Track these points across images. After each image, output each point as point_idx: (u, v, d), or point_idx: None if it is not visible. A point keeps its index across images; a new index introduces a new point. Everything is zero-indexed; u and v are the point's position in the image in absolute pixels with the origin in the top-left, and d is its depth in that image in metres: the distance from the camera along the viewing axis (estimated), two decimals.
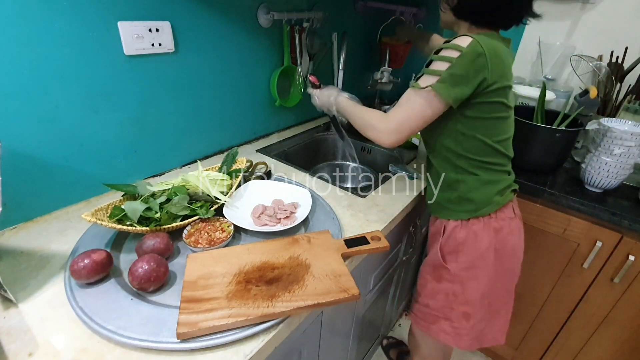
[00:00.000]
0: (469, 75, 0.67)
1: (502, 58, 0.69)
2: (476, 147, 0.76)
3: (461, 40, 0.68)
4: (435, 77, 0.69)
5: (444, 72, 0.68)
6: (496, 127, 0.75)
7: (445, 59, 0.68)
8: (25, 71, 0.68)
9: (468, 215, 0.81)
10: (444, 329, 0.90)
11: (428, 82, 0.70)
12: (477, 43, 0.66)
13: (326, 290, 0.58)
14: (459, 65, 0.67)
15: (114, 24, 0.77)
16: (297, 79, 1.28)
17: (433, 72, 0.70)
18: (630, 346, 1.05)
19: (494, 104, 0.72)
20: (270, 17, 1.08)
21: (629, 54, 1.21)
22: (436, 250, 0.87)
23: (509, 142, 0.81)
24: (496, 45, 0.68)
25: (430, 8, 1.56)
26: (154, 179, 0.97)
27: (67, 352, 0.51)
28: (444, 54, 0.69)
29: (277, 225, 0.78)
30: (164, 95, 0.92)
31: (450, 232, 0.84)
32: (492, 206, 0.79)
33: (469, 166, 0.78)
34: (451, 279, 0.85)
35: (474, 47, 0.66)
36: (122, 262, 0.67)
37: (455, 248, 0.83)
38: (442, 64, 0.68)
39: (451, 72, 0.67)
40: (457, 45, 0.67)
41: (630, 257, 0.94)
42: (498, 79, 0.68)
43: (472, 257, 0.82)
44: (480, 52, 0.65)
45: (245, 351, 0.51)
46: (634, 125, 0.96)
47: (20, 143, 0.71)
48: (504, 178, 0.81)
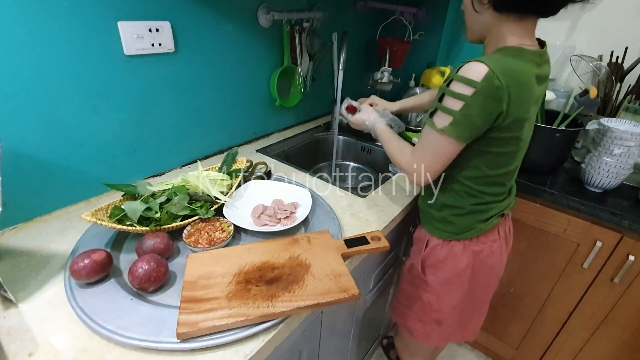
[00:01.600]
0: (485, 114, 0.61)
1: (525, 86, 0.61)
2: (476, 176, 0.73)
3: (473, 71, 0.59)
4: (449, 118, 0.63)
5: (457, 112, 0.62)
6: (504, 161, 0.71)
7: (457, 96, 0.61)
8: (25, 71, 0.68)
9: (450, 237, 0.81)
10: (416, 328, 0.96)
11: (442, 122, 0.64)
12: (494, 75, 0.57)
13: (326, 290, 0.58)
14: (473, 105, 0.60)
15: (114, 24, 0.77)
16: (297, 79, 1.28)
17: (446, 110, 0.64)
18: (630, 346, 1.05)
19: (506, 139, 0.67)
20: (270, 17, 1.08)
21: (629, 54, 1.21)
22: (417, 261, 0.89)
23: (513, 174, 0.77)
24: (518, 70, 0.60)
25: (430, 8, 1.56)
26: (154, 179, 0.97)
27: (67, 352, 0.51)
28: (455, 89, 0.62)
29: (277, 225, 0.78)
30: (164, 95, 0.92)
31: (432, 249, 0.85)
32: (473, 232, 0.79)
33: (464, 193, 0.76)
34: (428, 290, 0.89)
35: (490, 81, 0.58)
36: (122, 262, 0.67)
37: (435, 264, 0.85)
38: (454, 102, 0.62)
39: (465, 113, 0.61)
40: (469, 79, 0.59)
41: (630, 257, 0.94)
42: (517, 111, 0.62)
43: (449, 274, 0.84)
44: (498, 86, 0.58)
45: (245, 351, 0.51)
46: (634, 125, 0.96)
47: (20, 143, 0.71)
48: (494, 207, 0.78)
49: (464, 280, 0.85)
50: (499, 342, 1.37)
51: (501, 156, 0.70)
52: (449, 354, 1.50)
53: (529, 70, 0.62)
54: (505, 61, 0.60)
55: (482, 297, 0.93)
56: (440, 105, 0.65)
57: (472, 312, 0.94)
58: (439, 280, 0.86)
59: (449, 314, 0.90)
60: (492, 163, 0.71)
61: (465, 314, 0.93)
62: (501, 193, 0.78)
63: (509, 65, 0.59)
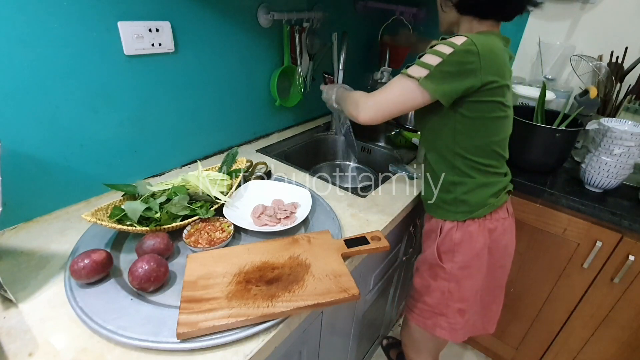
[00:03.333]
0: (459, 73, 0.67)
1: (498, 56, 0.69)
2: (473, 146, 0.76)
3: (456, 39, 0.68)
4: (425, 71, 0.69)
5: (434, 67, 0.68)
6: (495, 126, 0.76)
7: (437, 53, 0.68)
8: (25, 71, 0.68)
9: (464, 217, 0.82)
10: (440, 324, 0.92)
11: (417, 73, 0.70)
12: (471, 42, 0.66)
13: (326, 290, 0.58)
14: (449, 62, 0.67)
15: (114, 24, 0.77)
16: (297, 79, 1.28)
17: (424, 64, 0.70)
18: (630, 346, 1.05)
19: (492, 103, 0.72)
20: (270, 17, 1.08)
21: (629, 54, 1.21)
22: (433, 249, 0.88)
23: (506, 142, 0.81)
24: (493, 44, 0.68)
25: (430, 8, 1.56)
26: (154, 179, 0.97)
27: (67, 352, 0.51)
28: (437, 48, 0.69)
29: (277, 225, 0.78)
30: (163, 95, 0.92)
31: (447, 233, 0.85)
32: (487, 208, 0.81)
33: (465, 167, 0.79)
34: (447, 278, 0.87)
35: (467, 46, 0.66)
36: (122, 262, 0.67)
37: (451, 248, 0.85)
38: (433, 58, 0.69)
39: (441, 69, 0.68)
40: (451, 42, 0.67)
41: (630, 257, 0.94)
42: (494, 77, 0.68)
43: (467, 256, 0.84)
44: (473, 51, 0.66)
45: (245, 351, 0.51)
46: (634, 125, 0.96)
47: (20, 143, 0.71)
48: (499, 180, 0.82)
49: (482, 261, 0.84)
50: (499, 342, 1.37)
51: (491, 121, 0.74)
52: (449, 353, 1.50)
53: (500, 45, 0.71)
54: (482, 36, 0.68)
55: (499, 280, 0.92)
56: (419, 60, 0.71)
57: (492, 298, 0.94)
58: (458, 265, 0.85)
59: (472, 301, 0.89)
60: (486, 130, 0.75)
61: (486, 300, 0.92)
62: (500, 165, 0.82)
63: (485, 39, 0.68)
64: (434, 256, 0.88)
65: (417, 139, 1.25)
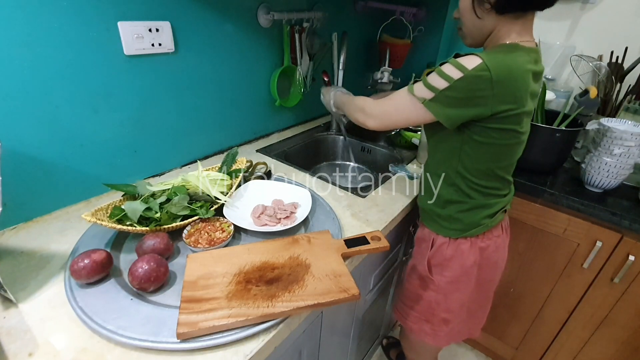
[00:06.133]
0: (467, 100, 0.62)
1: (516, 80, 0.61)
2: (478, 170, 0.73)
3: (468, 60, 0.61)
4: (430, 93, 0.66)
5: (440, 91, 0.64)
6: (504, 152, 0.72)
7: (444, 76, 0.63)
8: (25, 71, 0.68)
9: (456, 235, 0.81)
10: (424, 330, 0.95)
11: (422, 93, 0.67)
12: (485, 66, 0.59)
13: (326, 290, 0.58)
14: (456, 88, 0.62)
15: (114, 24, 0.77)
16: (297, 79, 1.28)
17: (429, 86, 0.66)
18: (630, 346, 1.05)
19: (505, 131, 0.67)
20: (270, 17, 1.08)
21: (629, 54, 1.21)
22: (423, 261, 0.88)
23: (513, 166, 0.78)
24: (512, 64, 0.61)
25: (430, 8, 1.56)
26: (154, 179, 0.97)
27: (67, 352, 0.51)
28: (445, 70, 0.63)
29: (277, 225, 0.78)
30: (163, 95, 0.92)
31: (438, 247, 0.85)
32: (480, 228, 0.79)
33: (466, 187, 0.76)
34: (435, 289, 0.88)
35: (479, 71, 0.59)
36: (122, 262, 0.67)
37: (442, 262, 0.85)
38: (440, 81, 0.64)
39: (446, 94, 0.63)
40: (461, 65, 0.61)
41: (630, 257, 0.94)
42: (509, 106, 0.63)
43: (457, 272, 0.84)
44: (485, 77, 0.59)
45: (245, 351, 0.51)
46: (634, 125, 0.96)
47: (20, 143, 0.71)
48: (498, 201, 0.79)
49: (471, 277, 0.85)
50: (499, 342, 1.37)
51: (501, 148, 0.70)
52: (449, 354, 1.50)
53: (523, 65, 0.62)
54: (501, 56, 0.61)
55: (487, 292, 0.93)
56: (425, 79, 0.67)
57: (478, 307, 0.94)
58: (446, 279, 0.85)
59: (457, 312, 0.90)
60: (492, 156, 0.71)
61: (472, 310, 0.93)
62: (503, 188, 0.79)
63: (503, 60, 0.61)
64: (424, 268, 0.88)
65: (417, 138, 1.25)
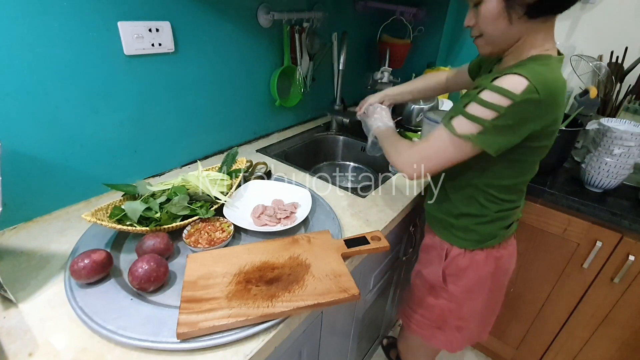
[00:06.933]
0: (518, 126, 0.58)
1: (560, 97, 0.59)
2: (502, 185, 0.71)
3: (511, 83, 0.56)
4: (476, 126, 0.59)
5: (488, 122, 0.58)
6: (531, 168, 0.71)
7: (490, 105, 0.57)
8: (25, 71, 0.68)
9: (472, 246, 0.80)
10: (436, 336, 0.94)
11: (466, 129, 0.60)
12: (533, 88, 0.54)
13: (326, 290, 0.58)
14: (507, 116, 0.56)
15: (114, 24, 0.77)
16: (297, 79, 1.28)
17: (474, 118, 0.59)
18: (630, 346, 1.05)
19: (538, 148, 0.66)
20: (270, 17, 1.08)
21: (629, 54, 1.21)
22: (436, 270, 0.86)
23: None
24: (555, 79, 0.58)
25: (430, 8, 1.56)
26: (154, 179, 0.97)
27: (67, 352, 0.51)
28: (488, 98, 0.57)
29: (277, 225, 0.78)
30: (163, 95, 0.92)
31: (453, 258, 0.83)
32: (497, 239, 0.78)
33: (484, 200, 0.74)
34: (449, 298, 0.87)
35: (529, 94, 0.55)
36: (122, 262, 0.67)
37: (457, 272, 0.84)
38: (485, 111, 0.58)
39: (496, 124, 0.58)
40: (506, 90, 0.56)
41: (630, 257, 0.94)
42: (551, 124, 0.61)
43: (472, 282, 0.83)
44: (535, 100, 0.55)
45: (245, 351, 0.51)
46: (634, 125, 0.96)
47: (20, 143, 0.71)
48: (514, 213, 0.78)
49: (485, 286, 0.84)
50: (499, 342, 1.37)
51: (530, 164, 0.70)
52: (449, 354, 1.50)
53: (560, 79, 0.60)
54: (543, 72, 0.57)
55: (499, 298, 0.92)
56: (465, 112, 0.60)
57: (490, 313, 0.94)
58: (461, 289, 0.84)
59: (470, 319, 0.89)
60: (519, 172, 0.70)
61: (484, 316, 0.92)
62: (520, 199, 0.78)
63: (545, 77, 0.56)
64: (437, 277, 0.86)
65: (417, 138, 1.25)
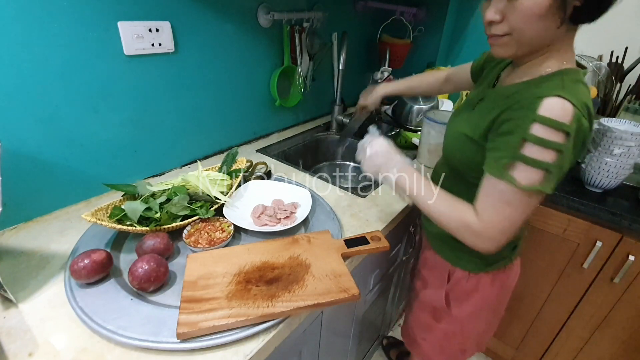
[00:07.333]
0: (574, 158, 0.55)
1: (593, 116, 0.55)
2: None
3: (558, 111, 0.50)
4: (540, 172, 0.52)
5: (552, 165, 0.51)
6: None
7: (549, 144, 0.50)
8: (25, 71, 0.68)
9: (477, 269, 0.76)
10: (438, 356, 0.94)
11: (533, 178, 0.52)
12: (581, 114, 0.50)
13: (326, 290, 0.58)
14: (567, 150, 0.51)
15: (114, 24, 0.77)
16: (297, 79, 1.28)
17: (536, 163, 0.51)
18: (630, 346, 1.05)
19: None
20: (270, 17, 1.08)
21: (629, 54, 1.21)
22: (440, 294, 0.83)
23: None
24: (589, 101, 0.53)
25: (430, 8, 1.56)
26: (154, 179, 0.97)
27: (67, 352, 0.51)
28: (546, 135, 0.50)
29: (277, 225, 0.78)
30: (163, 95, 0.92)
31: (457, 281, 0.80)
32: (504, 262, 0.75)
33: None
34: (451, 322, 0.85)
35: (580, 122, 0.51)
36: (122, 262, 0.67)
37: (461, 296, 0.81)
38: (546, 153, 0.51)
39: (559, 163, 0.51)
40: (557, 122, 0.50)
41: (630, 257, 0.94)
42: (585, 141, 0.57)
43: (476, 306, 0.81)
44: (586, 128, 0.52)
45: (245, 351, 0.51)
46: (634, 125, 0.96)
47: (20, 143, 0.71)
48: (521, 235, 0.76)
49: (490, 308, 0.83)
50: (499, 342, 1.37)
51: None
52: None
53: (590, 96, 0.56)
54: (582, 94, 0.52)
55: (500, 314, 0.90)
56: (523, 156, 0.52)
57: (491, 328, 0.92)
58: (465, 313, 0.82)
59: (473, 339, 0.88)
60: None
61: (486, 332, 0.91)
62: None
63: (583, 97, 0.52)
64: (440, 300, 0.84)
65: (417, 138, 1.25)
